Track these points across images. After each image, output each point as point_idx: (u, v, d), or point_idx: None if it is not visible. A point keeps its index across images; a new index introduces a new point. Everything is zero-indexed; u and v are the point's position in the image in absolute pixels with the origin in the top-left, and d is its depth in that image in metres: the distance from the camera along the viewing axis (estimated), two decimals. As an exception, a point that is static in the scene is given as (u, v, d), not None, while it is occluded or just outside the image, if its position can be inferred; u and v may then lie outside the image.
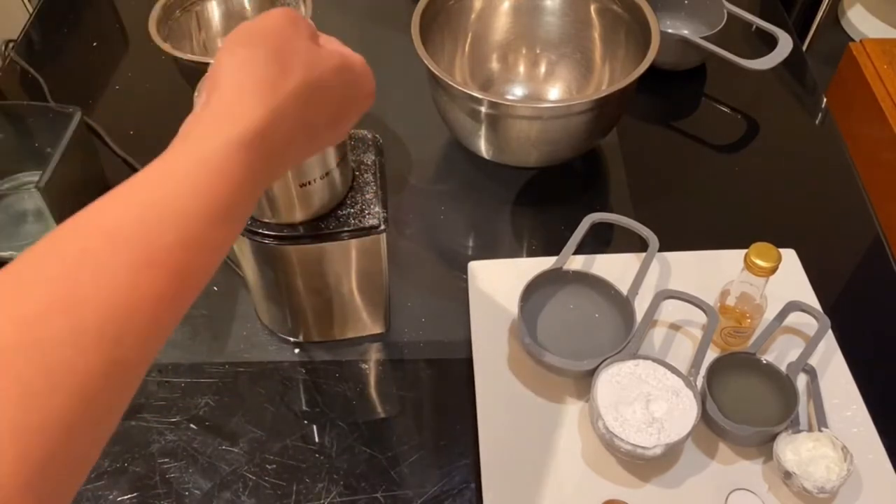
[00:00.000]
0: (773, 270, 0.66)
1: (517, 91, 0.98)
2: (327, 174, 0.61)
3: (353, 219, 0.64)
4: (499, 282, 0.79)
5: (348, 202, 0.65)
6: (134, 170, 0.91)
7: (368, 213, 0.64)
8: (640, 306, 0.72)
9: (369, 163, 0.67)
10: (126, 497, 0.65)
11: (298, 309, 0.72)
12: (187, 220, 0.36)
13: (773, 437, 0.64)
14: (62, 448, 0.31)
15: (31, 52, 1.07)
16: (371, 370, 0.75)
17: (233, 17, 0.98)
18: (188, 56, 0.85)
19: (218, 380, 0.73)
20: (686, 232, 0.85)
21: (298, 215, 0.63)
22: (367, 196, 0.65)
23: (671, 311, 0.75)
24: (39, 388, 0.30)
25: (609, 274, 0.75)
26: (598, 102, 0.78)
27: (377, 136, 0.70)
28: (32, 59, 1.04)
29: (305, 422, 0.70)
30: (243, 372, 0.74)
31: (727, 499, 0.64)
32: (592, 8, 0.92)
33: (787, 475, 0.62)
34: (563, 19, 0.95)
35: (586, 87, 0.95)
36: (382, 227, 0.64)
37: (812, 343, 0.70)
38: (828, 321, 0.71)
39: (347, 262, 0.68)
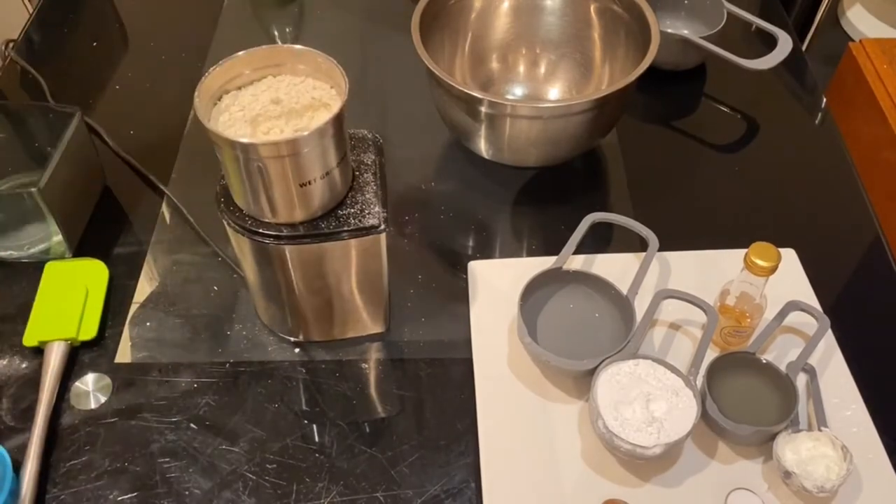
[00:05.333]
0: (773, 270, 0.66)
1: (517, 91, 0.98)
2: (327, 174, 0.61)
3: (353, 218, 0.64)
4: (499, 282, 0.79)
5: (348, 202, 0.65)
6: (134, 170, 0.91)
7: (368, 213, 0.64)
8: (640, 306, 0.72)
9: (369, 162, 0.67)
10: (126, 497, 0.65)
11: (298, 309, 0.72)
12: None
13: (773, 437, 0.64)
14: None
15: (32, 51, 1.07)
16: (371, 370, 0.75)
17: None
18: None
19: (218, 380, 0.73)
20: (686, 232, 0.85)
21: (298, 215, 0.63)
22: (367, 196, 0.65)
23: (671, 310, 0.75)
24: None
25: (609, 274, 0.75)
26: (598, 102, 0.78)
27: (377, 135, 0.70)
28: (32, 59, 1.04)
29: (305, 421, 0.70)
30: (243, 372, 0.74)
31: (727, 498, 0.64)
32: (592, 8, 0.92)
33: (787, 474, 0.62)
34: (562, 19, 0.95)
35: (586, 86, 0.95)
36: (382, 226, 0.64)
37: (812, 343, 0.70)
38: (827, 321, 0.71)
39: (347, 261, 0.68)
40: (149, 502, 0.65)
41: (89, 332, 0.75)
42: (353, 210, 0.64)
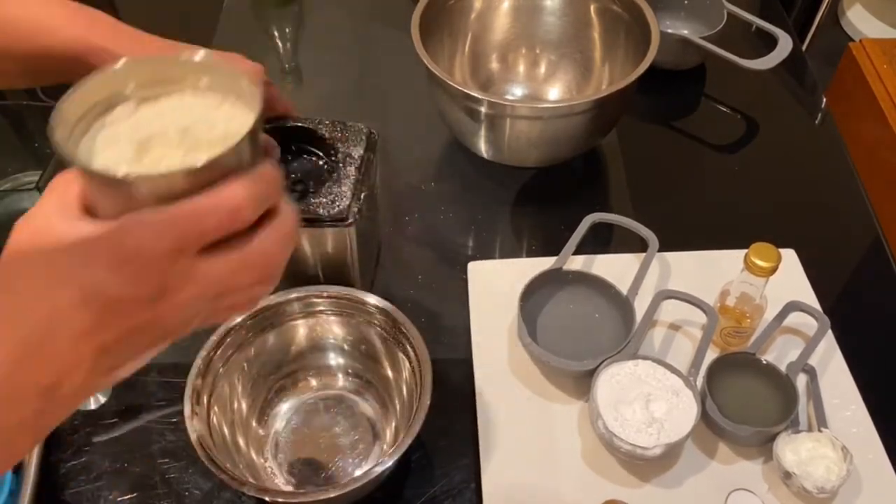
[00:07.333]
0: (773, 270, 0.66)
1: (517, 91, 0.98)
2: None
3: (323, 209, 0.64)
4: (499, 282, 0.79)
5: (322, 192, 0.65)
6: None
7: (338, 205, 0.64)
8: (640, 306, 0.72)
9: (356, 156, 0.67)
10: (126, 497, 0.65)
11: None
12: None
13: (773, 437, 0.64)
14: None
15: (31, 52, 1.07)
16: (371, 370, 0.74)
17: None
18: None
19: (218, 380, 0.73)
20: (686, 232, 0.85)
21: None
22: (343, 188, 0.65)
23: (671, 311, 0.75)
24: None
25: (609, 274, 0.75)
26: (598, 102, 0.78)
27: (373, 130, 0.69)
28: (32, 59, 1.04)
29: (305, 422, 0.70)
30: (243, 372, 0.74)
31: (727, 499, 0.64)
32: (592, 8, 0.92)
33: (787, 475, 0.62)
34: (562, 19, 0.95)
35: (586, 87, 0.95)
36: (351, 220, 0.64)
37: (812, 343, 0.70)
38: (827, 321, 0.71)
39: (315, 251, 0.69)
40: (148, 503, 0.65)
41: (89, 332, 0.74)
42: (324, 200, 0.64)
